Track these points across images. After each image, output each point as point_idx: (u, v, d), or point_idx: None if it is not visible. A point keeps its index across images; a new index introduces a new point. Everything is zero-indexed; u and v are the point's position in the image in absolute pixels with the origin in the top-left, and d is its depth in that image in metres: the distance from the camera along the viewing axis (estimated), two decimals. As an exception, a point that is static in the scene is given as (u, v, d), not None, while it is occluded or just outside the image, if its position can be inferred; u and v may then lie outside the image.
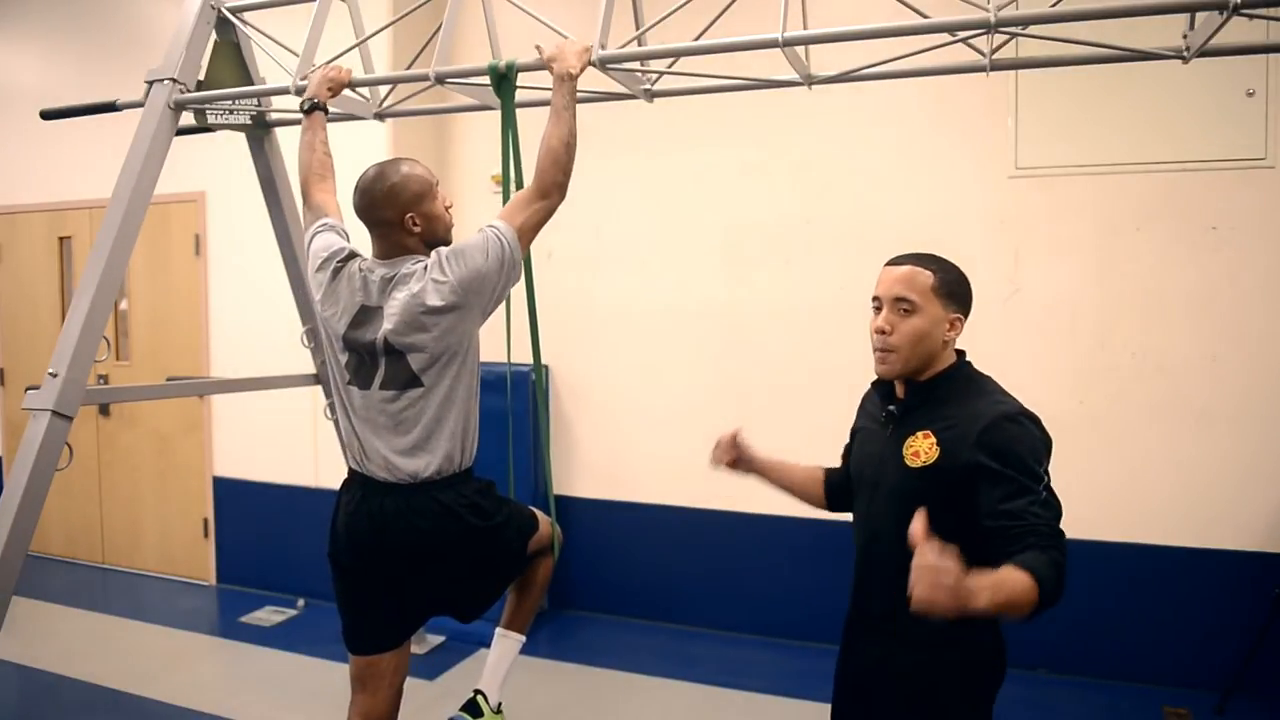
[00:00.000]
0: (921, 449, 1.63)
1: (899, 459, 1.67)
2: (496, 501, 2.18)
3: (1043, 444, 1.60)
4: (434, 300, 1.98)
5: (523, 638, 2.36)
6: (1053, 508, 1.54)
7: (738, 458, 2.04)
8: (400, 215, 2.05)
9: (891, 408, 1.74)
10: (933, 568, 1.28)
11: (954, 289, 1.68)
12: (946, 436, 1.61)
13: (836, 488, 1.99)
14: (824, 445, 2.15)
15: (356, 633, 2.18)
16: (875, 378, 1.80)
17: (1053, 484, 1.58)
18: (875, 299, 1.72)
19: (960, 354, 1.74)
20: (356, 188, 2.10)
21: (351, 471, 2.16)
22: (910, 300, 1.66)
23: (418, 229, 2.07)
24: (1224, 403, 3.44)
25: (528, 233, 2.06)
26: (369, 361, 2.05)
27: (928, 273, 1.67)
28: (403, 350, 2.01)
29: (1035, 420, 1.61)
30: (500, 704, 2.31)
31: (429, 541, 2.06)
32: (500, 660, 2.33)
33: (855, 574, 1.83)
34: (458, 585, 2.16)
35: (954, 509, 1.54)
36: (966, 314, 1.71)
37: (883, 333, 1.68)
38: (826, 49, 2.39)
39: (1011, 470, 1.53)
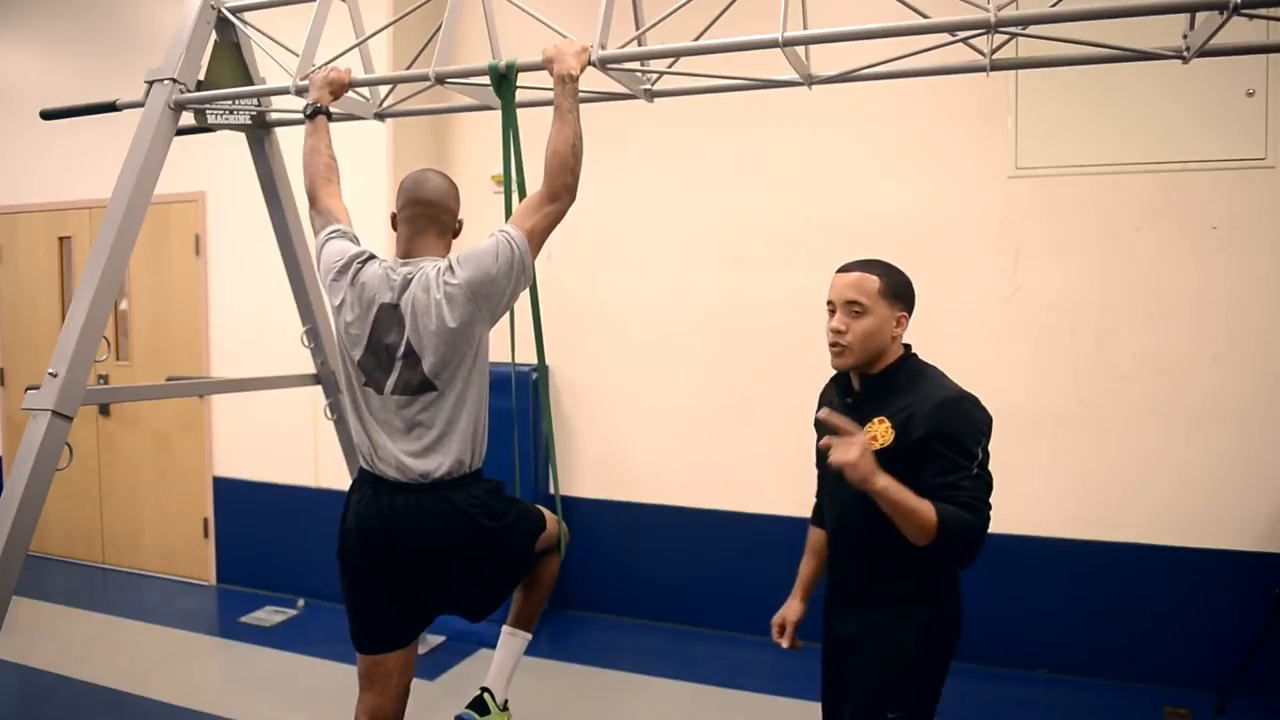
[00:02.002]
0: (879, 433, 1.82)
1: None
2: (506, 502, 2.19)
3: (981, 423, 1.80)
4: (446, 305, 2.00)
5: (529, 636, 2.38)
6: (982, 482, 1.75)
7: (795, 623, 2.16)
8: (456, 209, 2.20)
9: (849, 399, 1.93)
10: (849, 437, 1.66)
11: (898, 291, 1.88)
12: (900, 420, 1.81)
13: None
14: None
15: (364, 631, 2.19)
16: (834, 373, 2.02)
17: (989, 463, 1.78)
18: (829, 303, 1.92)
19: (907, 347, 1.93)
20: (409, 183, 2.18)
21: (362, 471, 2.17)
22: (860, 303, 1.86)
23: (459, 230, 2.21)
24: (1224, 402, 3.44)
25: (538, 236, 2.08)
26: (386, 364, 2.06)
27: (874, 277, 1.87)
28: (418, 354, 2.03)
29: (974, 402, 1.82)
30: (507, 701, 2.32)
31: (439, 541, 2.07)
32: (507, 658, 2.35)
33: (829, 553, 2.05)
34: (467, 584, 2.17)
35: (906, 484, 1.72)
36: (910, 312, 1.91)
37: (838, 332, 1.89)
38: (826, 49, 2.38)
39: (948, 449, 1.74)
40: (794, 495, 4.00)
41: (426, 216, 2.14)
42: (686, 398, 4.19)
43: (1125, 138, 3.49)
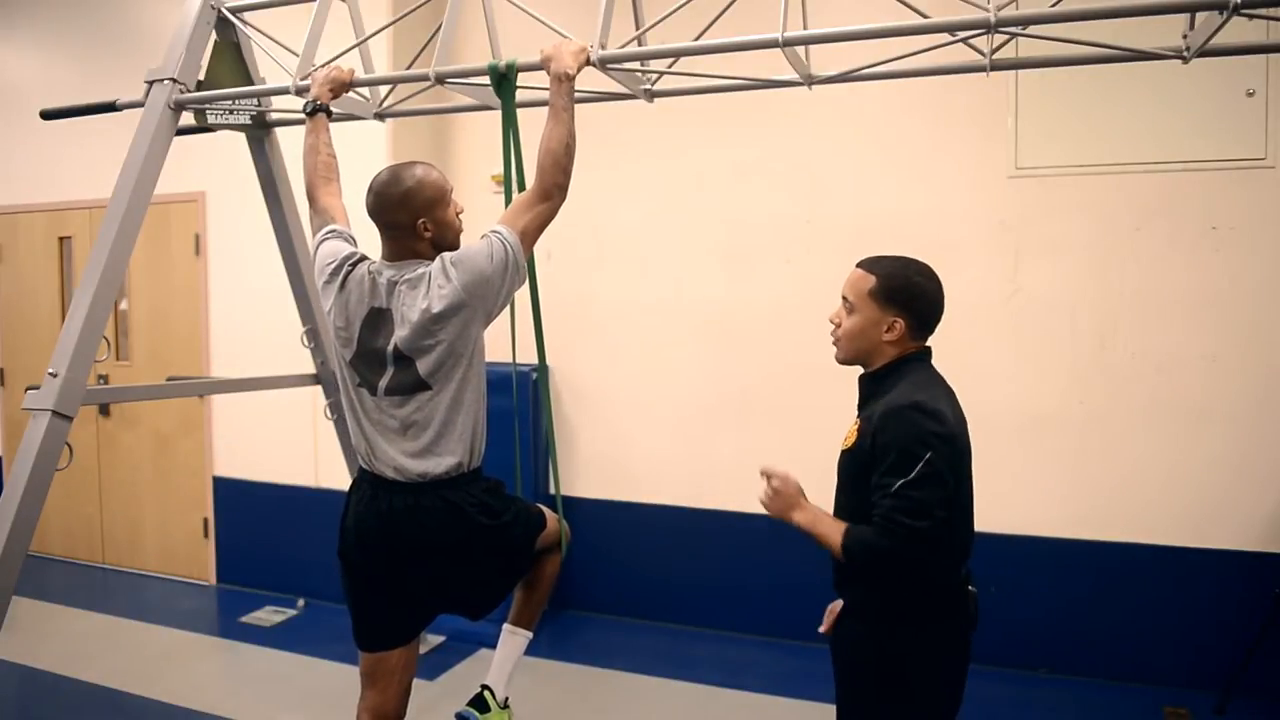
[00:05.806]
0: (850, 433, 1.83)
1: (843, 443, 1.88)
2: (505, 500, 2.19)
3: (924, 434, 1.69)
4: (439, 307, 1.99)
5: (530, 634, 2.38)
6: (906, 500, 1.66)
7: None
8: (413, 220, 2.06)
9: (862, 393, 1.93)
10: (775, 481, 1.81)
11: (894, 295, 1.83)
12: (864, 425, 1.80)
13: None
14: (823, 444, 2.15)
15: (365, 629, 2.20)
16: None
17: (941, 478, 1.67)
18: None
19: (913, 351, 1.86)
20: (370, 189, 2.10)
21: (361, 470, 2.18)
22: (849, 301, 1.87)
23: (429, 234, 2.08)
24: (1223, 402, 3.44)
25: (530, 235, 2.07)
26: (378, 366, 2.06)
27: (871, 277, 1.85)
28: (410, 356, 2.02)
29: (925, 411, 1.71)
30: (507, 699, 2.32)
31: (437, 539, 2.07)
32: (507, 656, 2.35)
33: None
34: (466, 583, 2.17)
35: (865, 488, 1.74)
36: (913, 317, 1.84)
37: (832, 325, 1.91)
38: (826, 49, 2.38)
39: (882, 462, 1.71)
40: (794, 495, 4.02)
41: (381, 225, 2.09)
42: (686, 397, 4.19)
43: (1125, 138, 3.49)
